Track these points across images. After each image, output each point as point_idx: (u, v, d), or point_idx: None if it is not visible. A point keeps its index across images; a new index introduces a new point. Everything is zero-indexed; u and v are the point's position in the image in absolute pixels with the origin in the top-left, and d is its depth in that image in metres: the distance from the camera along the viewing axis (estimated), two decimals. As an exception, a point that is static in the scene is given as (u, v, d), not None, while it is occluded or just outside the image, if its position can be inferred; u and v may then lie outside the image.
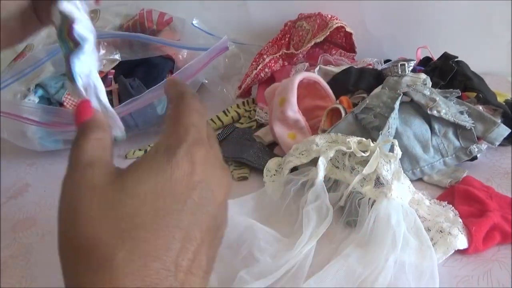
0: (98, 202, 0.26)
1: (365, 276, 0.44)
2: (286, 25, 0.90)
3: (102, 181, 0.27)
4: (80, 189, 0.27)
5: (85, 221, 0.25)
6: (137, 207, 0.25)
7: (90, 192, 0.27)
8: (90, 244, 0.25)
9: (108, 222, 0.25)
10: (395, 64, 0.72)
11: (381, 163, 0.52)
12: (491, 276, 0.45)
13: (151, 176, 0.26)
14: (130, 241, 0.24)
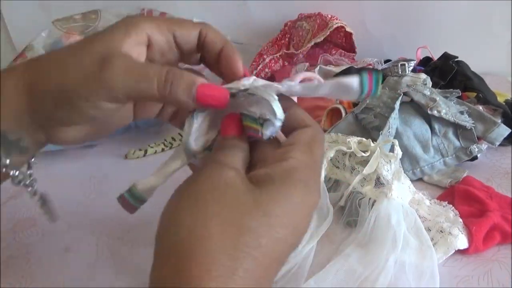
0: (233, 203, 0.26)
1: (365, 276, 0.44)
2: (286, 25, 0.90)
3: (241, 185, 0.27)
4: (218, 183, 0.27)
5: (211, 217, 0.25)
6: (266, 228, 0.25)
7: (230, 191, 0.26)
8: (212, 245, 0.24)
9: (235, 227, 0.25)
10: (395, 64, 0.72)
11: (381, 163, 0.52)
12: (491, 276, 0.45)
13: (284, 201, 0.26)
14: (250, 260, 0.24)
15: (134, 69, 0.30)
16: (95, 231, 0.55)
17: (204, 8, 0.95)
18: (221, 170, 0.27)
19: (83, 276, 0.48)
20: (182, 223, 0.25)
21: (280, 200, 0.26)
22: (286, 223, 0.26)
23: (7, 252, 0.52)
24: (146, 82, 0.30)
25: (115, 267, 0.49)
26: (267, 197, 0.26)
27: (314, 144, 0.30)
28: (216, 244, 0.24)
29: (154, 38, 0.33)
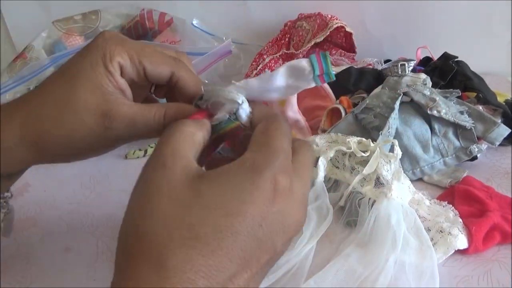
0: (170, 199, 0.26)
1: (365, 276, 0.44)
2: (286, 25, 0.90)
3: (180, 179, 0.27)
4: (159, 179, 0.27)
5: (154, 214, 0.25)
6: (204, 218, 0.25)
7: (167, 186, 0.26)
8: (151, 239, 0.25)
9: (174, 223, 0.25)
10: (395, 64, 0.72)
11: (381, 163, 0.52)
12: (491, 276, 0.45)
13: (228, 190, 0.26)
14: (186, 250, 0.24)
15: (135, 117, 0.33)
16: (95, 231, 0.55)
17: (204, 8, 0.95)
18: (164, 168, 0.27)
19: (83, 276, 0.48)
20: (126, 223, 0.27)
21: (221, 190, 0.26)
22: (229, 212, 0.25)
23: (7, 252, 0.52)
24: (148, 128, 0.34)
25: (115, 267, 0.49)
26: (209, 188, 0.26)
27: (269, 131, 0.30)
28: (159, 242, 0.24)
29: (126, 70, 0.35)
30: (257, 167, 0.26)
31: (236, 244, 0.25)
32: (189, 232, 0.24)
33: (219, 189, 0.26)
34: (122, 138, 0.35)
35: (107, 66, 0.34)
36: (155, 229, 0.25)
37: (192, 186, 0.26)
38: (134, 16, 0.87)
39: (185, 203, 0.25)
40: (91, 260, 0.50)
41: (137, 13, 0.87)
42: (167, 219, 0.25)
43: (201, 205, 0.25)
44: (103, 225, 0.56)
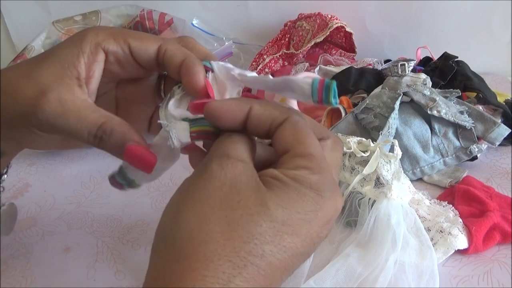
0: (239, 203, 0.24)
1: (365, 276, 0.44)
2: (286, 25, 0.90)
3: (248, 183, 0.25)
4: (226, 178, 0.25)
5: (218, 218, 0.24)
6: (271, 234, 0.24)
7: (235, 190, 0.24)
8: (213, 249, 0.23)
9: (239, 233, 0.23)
10: (395, 64, 0.72)
11: (381, 163, 0.52)
12: (491, 276, 0.45)
13: (294, 209, 0.25)
14: (251, 269, 0.23)
15: (70, 111, 0.31)
16: (95, 231, 0.55)
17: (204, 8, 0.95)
18: (226, 165, 0.25)
19: (83, 276, 0.48)
20: (183, 225, 0.24)
21: (289, 206, 0.25)
22: (296, 232, 0.24)
23: (7, 252, 0.52)
24: (78, 132, 0.31)
25: (115, 267, 0.49)
26: (275, 201, 0.24)
27: (304, 136, 0.28)
28: (217, 251, 0.23)
29: (110, 49, 0.33)
30: (317, 188, 0.26)
31: (292, 263, 0.25)
32: (256, 248, 0.23)
33: (285, 205, 0.25)
34: (50, 126, 0.31)
35: (84, 47, 0.32)
36: (219, 236, 0.23)
37: (260, 194, 0.25)
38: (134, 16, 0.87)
39: (253, 212, 0.24)
40: (91, 260, 0.50)
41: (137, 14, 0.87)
42: (231, 226, 0.23)
43: (269, 217, 0.24)
44: (103, 225, 0.56)
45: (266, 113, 0.28)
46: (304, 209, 0.25)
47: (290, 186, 0.25)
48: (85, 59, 0.32)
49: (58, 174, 0.68)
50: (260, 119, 0.28)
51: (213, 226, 0.23)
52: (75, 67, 0.32)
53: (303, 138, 0.27)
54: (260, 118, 0.28)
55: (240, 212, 0.24)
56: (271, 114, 0.28)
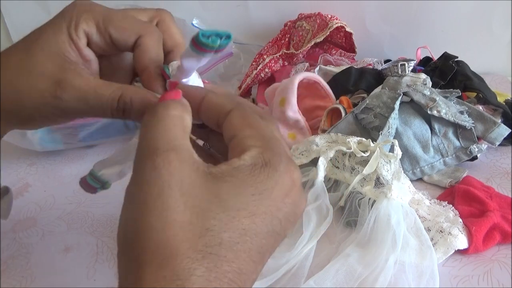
0: (186, 204, 0.23)
1: (365, 276, 0.44)
2: (286, 25, 0.90)
3: (190, 177, 0.24)
4: (164, 180, 0.23)
5: (167, 223, 0.23)
6: (228, 222, 0.23)
7: (177, 187, 0.23)
8: (169, 252, 0.22)
9: (193, 230, 0.23)
10: (395, 64, 0.72)
11: (381, 163, 0.52)
12: (491, 276, 0.45)
13: (248, 191, 0.24)
14: (211, 258, 0.23)
15: (88, 93, 0.32)
16: (95, 231, 0.55)
17: (204, 8, 0.95)
18: (158, 165, 0.24)
19: (83, 276, 0.48)
20: (138, 239, 0.23)
21: (243, 191, 0.24)
22: (253, 212, 0.24)
23: (7, 252, 0.52)
24: (100, 108, 0.32)
25: (115, 267, 0.49)
26: (227, 191, 0.24)
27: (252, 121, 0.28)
28: (172, 253, 0.22)
29: (92, 38, 0.34)
30: (271, 164, 0.25)
31: (257, 243, 0.24)
32: (213, 239, 0.23)
33: (238, 190, 0.24)
34: (74, 112, 0.33)
35: (71, 34, 0.32)
36: (174, 239, 0.23)
37: (208, 187, 0.24)
38: (134, 16, 0.87)
39: (204, 207, 0.23)
40: (91, 260, 0.50)
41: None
42: (186, 226, 0.23)
43: (222, 208, 0.24)
44: (103, 225, 0.56)
45: (217, 101, 0.29)
46: (258, 189, 0.25)
47: (245, 171, 0.25)
48: (75, 45, 0.33)
49: (58, 174, 0.68)
50: (211, 107, 0.29)
51: (166, 233, 0.23)
52: (70, 53, 0.33)
53: (250, 121, 0.27)
54: (211, 106, 0.29)
55: (189, 212, 0.23)
56: (221, 102, 0.29)
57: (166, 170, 0.24)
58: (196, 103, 0.29)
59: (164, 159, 0.24)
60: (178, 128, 0.26)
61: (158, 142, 0.25)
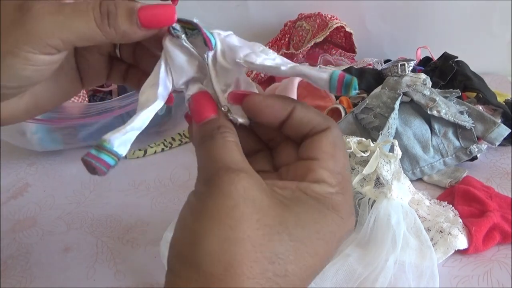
0: (258, 222, 0.23)
1: (365, 276, 0.44)
2: (286, 25, 0.90)
3: (261, 197, 0.24)
4: (239, 195, 0.23)
5: (240, 237, 0.22)
6: (293, 253, 0.23)
7: (251, 204, 0.23)
8: (240, 271, 0.22)
9: (264, 253, 0.22)
10: (395, 64, 0.72)
11: (381, 163, 0.52)
12: (491, 276, 0.45)
13: (314, 227, 0.24)
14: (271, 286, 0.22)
15: (62, 7, 0.25)
16: (95, 231, 0.55)
17: (204, 8, 0.95)
18: (233, 180, 0.23)
19: (83, 276, 0.48)
20: (206, 248, 0.22)
21: (310, 227, 0.24)
22: (316, 251, 0.24)
23: (7, 252, 0.52)
24: (81, 18, 0.25)
25: (115, 267, 0.49)
26: (294, 220, 0.24)
27: (339, 152, 0.27)
28: (245, 274, 0.22)
29: None
30: (339, 210, 0.26)
31: (309, 283, 0.24)
32: (281, 268, 0.23)
33: (305, 224, 0.24)
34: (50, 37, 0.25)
35: None
36: (246, 256, 0.22)
37: (276, 210, 0.24)
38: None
39: (274, 230, 0.23)
40: (91, 260, 0.50)
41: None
42: (258, 247, 0.22)
43: (289, 236, 0.23)
44: (103, 225, 0.56)
45: (308, 116, 0.27)
46: (323, 230, 0.25)
47: (312, 205, 0.25)
48: None
49: (58, 174, 0.68)
50: (302, 122, 0.27)
51: (238, 247, 0.22)
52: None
53: (337, 152, 0.26)
54: (302, 121, 0.27)
55: (261, 231, 0.23)
56: (313, 118, 0.27)
57: (242, 186, 0.23)
58: (280, 116, 0.27)
59: (238, 176, 0.24)
60: (239, 153, 0.26)
61: (227, 161, 0.25)
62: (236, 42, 0.28)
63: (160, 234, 0.47)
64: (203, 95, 0.28)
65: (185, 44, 0.28)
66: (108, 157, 0.26)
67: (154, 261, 0.49)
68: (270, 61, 0.27)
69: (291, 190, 0.25)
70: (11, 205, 0.62)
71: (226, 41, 0.28)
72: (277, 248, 0.23)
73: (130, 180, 0.65)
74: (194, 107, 0.28)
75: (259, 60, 0.27)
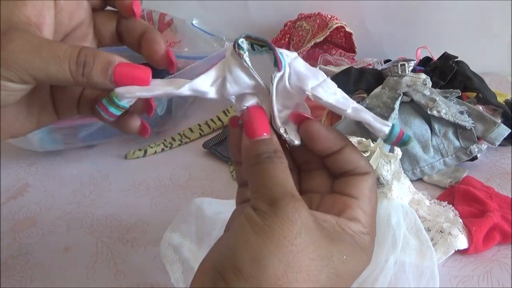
0: (314, 252, 0.24)
1: (365, 276, 0.44)
2: (286, 25, 0.90)
3: (314, 226, 0.25)
4: (303, 223, 0.24)
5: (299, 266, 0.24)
6: (333, 283, 0.25)
7: (310, 233, 0.24)
8: None
9: (315, 283, 0.24)
10: (395, 64, 0.72)
11: (381, 163, 0.52)
12: (491, 276, 0.45)
13: (347, 265, 0.26)
14: None
15: (41, 48, 0.26)
16: (95, 231, 0.55)
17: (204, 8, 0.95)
18: (297, 208, 0.25)
19: (83, 276, 0.48)
20: (269, 270, 0.23)
21: (348, 264, 0.26)
22: (345, 285, 0.26)
23: (7, 252, 0.52)
24: (56, 63, 0.26)
25: (115, 267, 0.49)
26: (338, 256, 0.25)
27: (374, 197, 0.29)
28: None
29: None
30: (366, 249, 0.27)
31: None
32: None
33: (346, 261, 0.26)
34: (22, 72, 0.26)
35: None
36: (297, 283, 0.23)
37: (326, 245, 0.25)
38: (134, 16, 0.87)
39: (322, 262, 0.25)
40: (91, 260, 0.50)
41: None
42: (312, 277, 0.24)
43: (334, 271, 0.25)
44: (102, 225, 0.56)
45: (355, 158, 0.29)
46: (356, 267, 0.27)
47: (349, 243, 0.26)
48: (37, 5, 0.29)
49: (58, 174, 0.68)
50: (348, 160, 0.29)
51: (297, 275, 0.24)
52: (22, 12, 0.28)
53: (372, 198, 0.29)
54: (349, 160, 0.29)
55: (315, 262, 0.24)
56: (359, 161, 0.29)
57: (304, 215, 0.25)
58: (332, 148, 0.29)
59: (301, 206, 0.25)
60: (292, 181, 0.27)
61: (290, 188, 0.26)
62: (303, 68, 0.29)
63: (160, 234, 0.47)
64: (260, 110, 0.29)
65: (244, 65, 0.28)
66: (115, 109, 0.28)
67: (154, 261, 0.49)
68: (333, 97, 0.28)
69: (332, 224, 0.27)
70: (11, 205, 0.62)
71: (294, 66, 0.29)
72: (324, 280, 0.24)
73: (130, 180, 0.65)
74: (250, 120, 0.28)
75: (325, 97, 0.28)
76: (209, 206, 0.49)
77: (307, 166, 0.31)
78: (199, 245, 0.47)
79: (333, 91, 0.28)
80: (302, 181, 0.31)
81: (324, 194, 0.29)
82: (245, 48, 0.28)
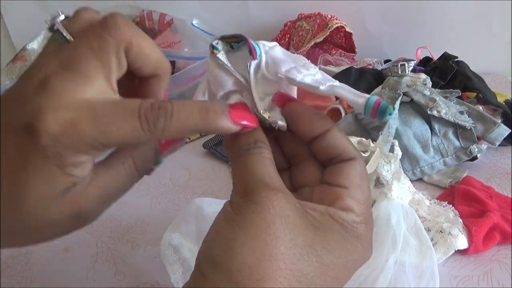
0: (292, 241, 0.24)
1: (365, 276, 0.44)
2: (286, 25, 0.90)
3: (294, 216, 0.24)
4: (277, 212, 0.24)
5: (274, 254, 0.23)
6: (319, 276, 0.24)
7: (286, 222, 0.24)
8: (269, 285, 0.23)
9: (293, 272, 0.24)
10: (395, 64, 0.72)
11: (381, 163, 0.52)
12: (491, 276, 0.45)
13: (339, 253, 0.25)
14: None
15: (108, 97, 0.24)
16: (95, 231, 0.55)
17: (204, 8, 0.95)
18: (271, 197, 0.24)
19: (83, 276, 0.48)
20: (239, 259, 0.23)
21: (335, 252, 0.25)
22: (337, 276, 0.25)
23: (7, 252, 0.52)
24: (123, 119, 0.23)
25: (115, 267, 0.49)
26: (323, 244, 0.25)
27: (365, 184, 0.28)
28: None
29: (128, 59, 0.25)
30: (362, 239, 0.27)
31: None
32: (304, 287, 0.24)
33: (332, 249, 0.25)
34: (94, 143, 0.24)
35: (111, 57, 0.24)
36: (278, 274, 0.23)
37: (306, 230, 0.25)
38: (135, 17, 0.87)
39: (303, 251, 0.24)
40: (91, 260, 0.50)
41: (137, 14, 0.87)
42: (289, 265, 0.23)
43: (316, 258, 0.24)
44: (102, 225, 0.56)
45: (340, 142, 0.28)
46: (347, 257, 0.26)
47: (339, 232, 0.26)
48: None
49: (58, 174, 0.68)
50: (334, 144, 0.28)
51: (271, 263, 0.23)
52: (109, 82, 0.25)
53: (363, 183, 0.28)
54: (334, 143, 0.28)
55: (293, 250, 0.24)
56: (344, 145, 0.28)
57: (278, 204, 0.24)
58: (315, 130, 0.28)
59: (276, 194, 0.24)
60: (274, 170, 0.26)
61: (265, 178, 0.25)
62: (280, 54, 0.29)
63: (160, 234, 0.47)
64: (240, 105, 0.28)
65: (219, 62, 0.28)
66: None
67: (154, 261, 0.49)
68: (310, 77, 0.28)
69: (320, 213, 0.26)
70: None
71: (270, 53, 0.29)
72: (305, 269, 0.24)
73: (130, 180, 0.65)
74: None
75: (300, 77, 0.27)
76: (209, 206, 0.49)
77: (296, 160, 0.31)
78: (199, 245, 0.46)
79: (312, 73, 0.28)
80: (292, 176, 0.31)
81: (314, 186, 0.29)
82: (219, 48, 0.28)
